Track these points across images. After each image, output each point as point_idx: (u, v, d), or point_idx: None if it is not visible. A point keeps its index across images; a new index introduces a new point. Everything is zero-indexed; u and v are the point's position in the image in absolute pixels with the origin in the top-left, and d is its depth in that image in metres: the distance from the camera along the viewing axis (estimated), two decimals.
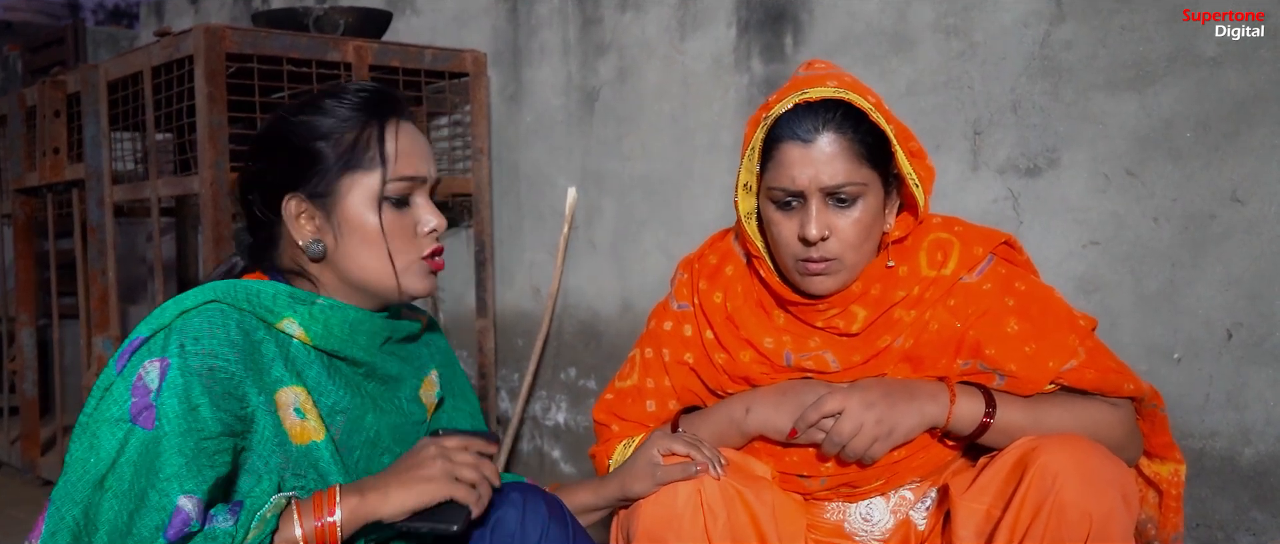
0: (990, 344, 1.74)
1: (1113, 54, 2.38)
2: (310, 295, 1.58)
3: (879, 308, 1.78)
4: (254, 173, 1.63)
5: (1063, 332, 1.75)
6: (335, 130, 1.59)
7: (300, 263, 1.62)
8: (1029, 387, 1.73)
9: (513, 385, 4.09)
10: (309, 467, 1.54)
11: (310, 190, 1.58)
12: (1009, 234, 1.85)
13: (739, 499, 1.68)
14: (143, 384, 1.41)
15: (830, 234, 1.70)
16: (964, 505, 1.67)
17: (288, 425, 1.53)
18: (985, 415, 1.72)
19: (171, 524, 1.37)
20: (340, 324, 1.60)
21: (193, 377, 1.41)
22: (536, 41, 3.92)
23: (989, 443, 1.74)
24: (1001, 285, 1.78)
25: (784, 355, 1.82)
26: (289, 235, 1.61)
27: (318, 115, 1.60)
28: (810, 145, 1.67)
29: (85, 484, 1.40)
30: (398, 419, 1.70)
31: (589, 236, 3.74)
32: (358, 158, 1.59)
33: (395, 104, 1.64)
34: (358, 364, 1.64)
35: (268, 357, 1.52)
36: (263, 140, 1.63)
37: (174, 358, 1.42)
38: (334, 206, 1.59)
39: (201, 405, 1.41)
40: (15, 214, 4.61)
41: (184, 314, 1.47)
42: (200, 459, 1.40)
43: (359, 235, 1.59)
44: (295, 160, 1.58)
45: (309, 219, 1.60)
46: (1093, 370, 1.73)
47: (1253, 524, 2.23)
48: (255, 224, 1.65)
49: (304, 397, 1.54)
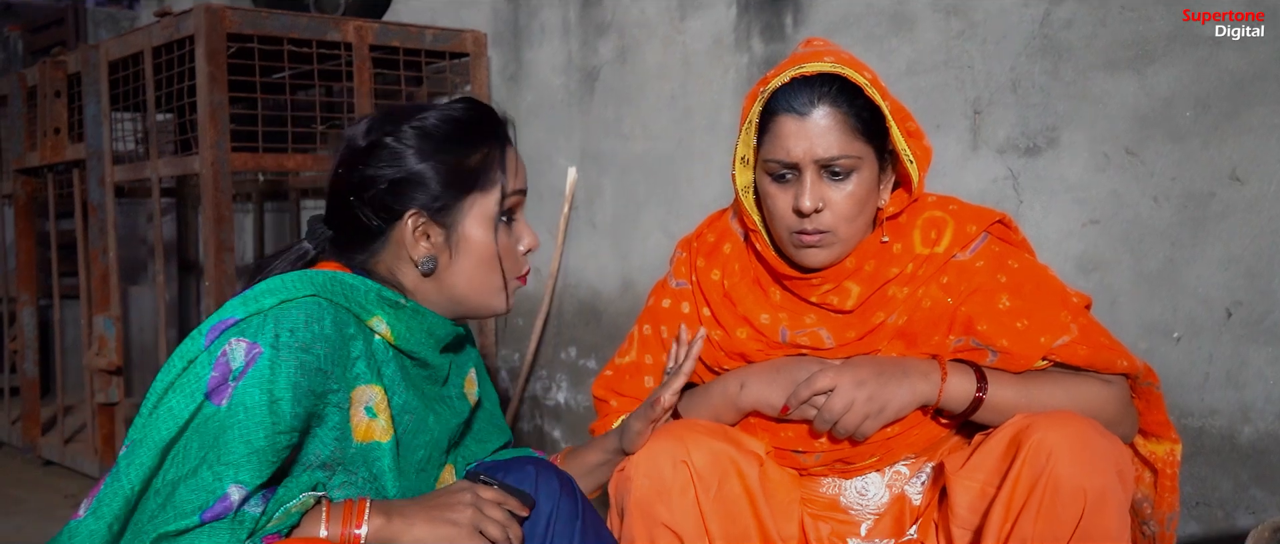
0: (982, 320, 1.74)
1: (1112, 33, 2.38)
2: (397, 296, 1.58)
3: (873, 284, 1.79)
4: (364, 178, 1.59)
5: (1055, 308, 1.75)
6: (458, 151, 1.59)
7: (398, 273, 1.62)
8: (1021, 362, 1.73)
9: (513, 365, 4.10)
10: (362, 465, 1.54)
11: (431, 209, 1.58)
12: (1003, 213, 1.85)
13: (733, 469, 1.70)
14: (225, 361, 1.42)
15: (824, 206, 1.71)
16: (959, 483, 1.68)
17: (355, 422, 1.53)
18: (977, 392, 1.72)
19: (213, 507, 1.37)
20: (420, 327, 1.61)
21: (282, 368, 1.42)
22: (537, 21, 3.91)
23: (982, 420, 1.75)
24: (994, 263, 1.78)
25: (780, 332, 1.82)
26: (396, 247, 1.61)
27: (438, 134, 1.59)
28: (805, 118, 1.69)
29: (151, 450, 1.40)
30: (451, 418, 1.72)
31: (589, 216, 3.75)
32: (480, 179, 1.60)
33: (506, 125, 1.67)
34: (426, 366, 1.65)
35: (354, 354, 1.53)
36: (376, 149, 1.59)
37: (267, 346, 1.42)
38: (454, 226, 1.59)
39: (283, 399, 1.41)
40: (16, 194, 4.61)
41: (284, 303, 1.47)
42: (268, 453, 1.40)
43: (474, 255, 1.61)
44: (415, 177, 1.58)
45: (426, 236, 1.60)
46: (1085, 346, 1.73)
47: (1252, 502, 2.24)
48: (347, 223, 1.63)
49: (380, 396, 1.56)
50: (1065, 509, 1.54)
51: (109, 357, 3.96)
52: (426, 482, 1.69)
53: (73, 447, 4.42)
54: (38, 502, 3.97)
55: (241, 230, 5.44)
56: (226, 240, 3.46)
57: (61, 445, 4.45)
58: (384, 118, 1.63)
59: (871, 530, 1.85)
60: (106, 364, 3.97)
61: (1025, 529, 1.56)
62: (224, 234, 3.44)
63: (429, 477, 1.71)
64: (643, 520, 1.69)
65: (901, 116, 1.74)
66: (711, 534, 1.67)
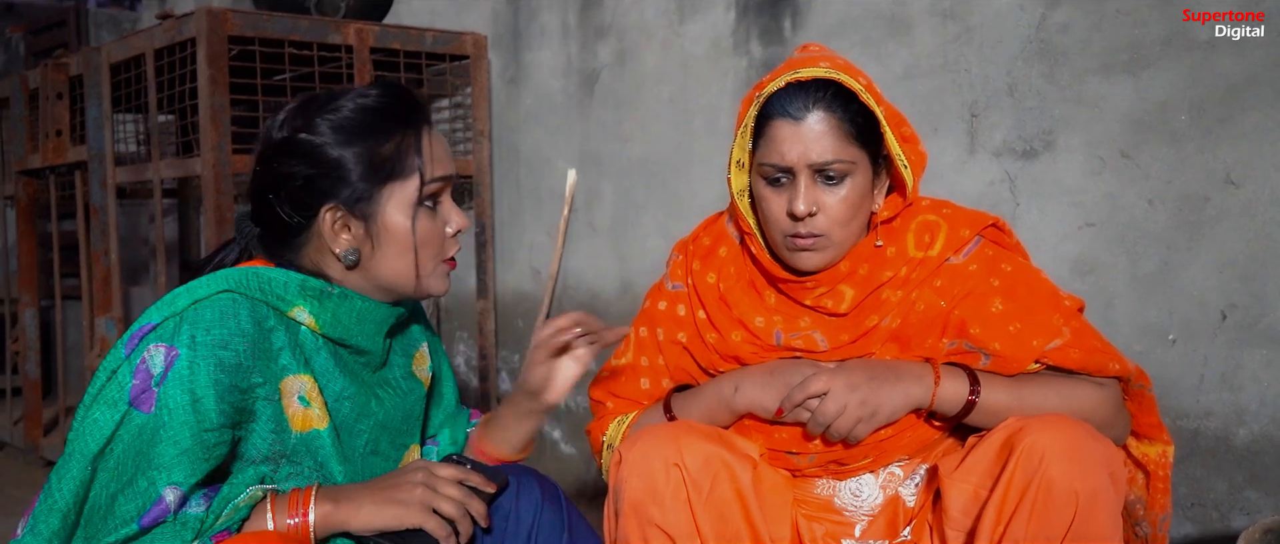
0: (975, 324, 1.75)
1: (1108, 37, 2.39)
2: (321, 285, 1.57)
3: (867, 288, 1.80)
4: (282, 174, 1.58)
5: (1047, 312, 1.76)
6: (372, 140, 1.57)
7: (322, 266, 1.61)
8: (1014, 366, 1.75)
9: (513, 366, 4.11)
10: (307, 454, 1.55)
11: (348, 202, 1.57)
12: (997, 216, 1.86)
13: (725, 471, 1.70)
14: (145, 368, 1.42)
15: (818, 210, 1.72)
16: (952, 485, 1.69)
17: (290, 413, 1.53)
18: (970, 395, 1.73)
19: (150, 512, 1.38)
20: (349, 314, 1.60)
21: (200, 367, 1.42)
22: (536, 24, 3.92)
23: (975, 423, 1.76)
24: (987, 266, 1.80)
25: (774, 335, 1.84)
26: (318, 241, 1.60)
27: (351, 125, 1.57)
28: (800, 123, 1.70)
29: (80, 462, 1.41)
30: (398, 399, 1.71)
31: (589, 218, 3.76)
32: (396, 167, 1.58)
33: (422, 109, 1.64)
34: (361, 352, 1.65)
35: (277, 345, 1.53)
36: (290, 145, 1.57)
37: (183, 348, 1.42)
38: (373, 216, 1.58)
39: (205, 397, 1.41)
40: (18, 196, 4.63)
41: (197, 303, 1.47)
42: (196, 451, 1.41)
43: (397, 244, 1.59)
44: (330, 171, 1.56)
45: (345, 229, 1.59)
46: (1078, 350, 1.74)
47: (1247, 503, 2.25)
48: (271, 220, 1.62)
49: (310, 385, 1.55)
50: (1057, 511, 1.55)
51: None
52: (381, 465, 1.68)
53: None
54: None
55: None
56: None
57: (62, 446, 4.45)
58: (298, 110, 1.60)
59: (866, 532, 1.86)
60: None
61: (1018, 531, 1.57)
62: (225, 235, 3.46)
63: (385, 460, 1.70)
64: (637, 522, 1.69)
65: (896, 121, 1.76)
66: (703, 536, 1.68)
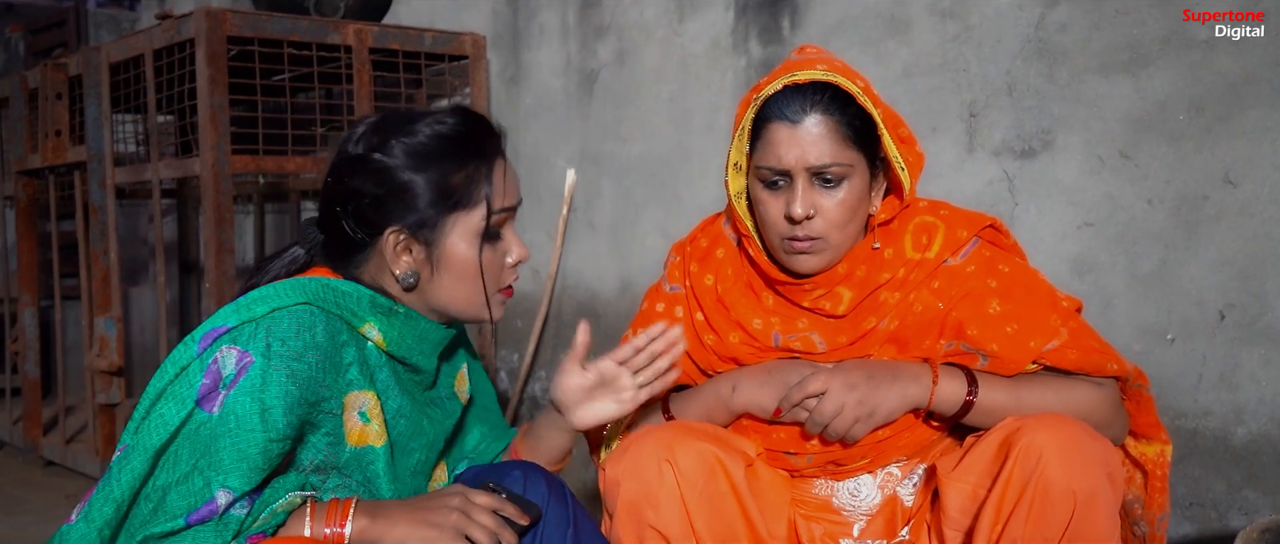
0: (972, 325, 1.75)
1: (1107, 37, 2.39)
2: (390, 303, 1.58)
3: (864, 289, 1.80)
4: (349, 191, 1.58)
5: (1045, 312, 1.76)
6: (444, 168, 1.57)
7: (382, 283, 1.61)
8: (1011, 366, 1.75)
9: (512, 366, 4.11)
10: (357, 469, 1.56)
11: (413, 226, 1.57)
12: (995, 218, 1.87)
13: (719, 469, 1.70)
14: (216, 369, 1.43)
15: (816, 213, 1.72)
16: (950, 484, 1.69)
17: (348, 428, 1.54)
18: (968, 395, 1.74)
19: (199, 511, 1.38)
20: (412, 333, 1.62)
21: (273, 377, 1.42)
22: (536, 24, 3.93)
23: (973, 423, 1.76)
24: (985, 267, 1.80)
25: (772, 336, 1.84)
26: (379, 259, 1.60)
27: (425, 151, 1.57)
28: (798, 126, 1.70)
29: (142, 456, 1.41)
30: (444, 419, 1.73)
31: (588, 218, 3.76)
32: (464, 197, 1.58)
33: (497, 140, 1.65)
34: (418, 371, 1.66)
35: (346, 360, 1.53)
36: (363, 162, 1.58)
37: (258, 355, 1.43)
38: (436, 243, 1.58)
39: (274, 408, 1.42)
40: (17, 196, 4.62)
41: (275, 311, 1.48)
42: (258, 460, 1.41)
43: (456, 271, 1.60)
44: (399, 194, 1.56)
45: (407, 251, 1.59)
46: (1075, 350, 1.74)
47: (1245, 503, 2.25)
48: (335, 231, 1.62)
49: (373, 401, 1.56)
50: (1055, 511, 1.55)
51: (110, 357, 3.98)
52: (421, 484, 1.70)
53: (74, 447, 4.43)
54: (39, 502, 3.98)
55: (242, 232, 5.46)
56: (227, 242, 3.47)
57: (63, 446, 4.46)
58: (376, 127, 1.61)
59: (864, 531, 1.86)
60: (107, 365, 3.98)
61: (1016, 531, 1.57)
62: (224, 235, 3.46)
63: (424, 479, 1.71)
64: (631, 523, 1.70)
65: (893, 123, 1.75)
66: (698, 535, 1.68)
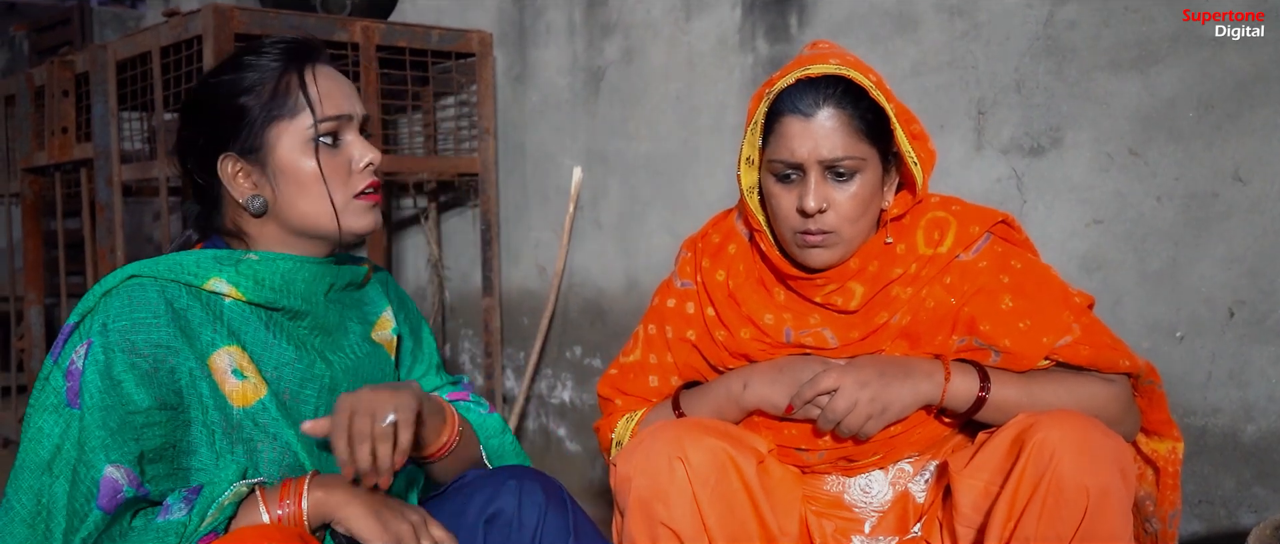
0: (985, 320, 1.75)
1: (1116, 34, 2.39)
2: (235, 253, 1.59)
3: (877, 285, 1.80)
4: (186, 139, 1.64)
5: (1057, 308, 1.77)
6: (256, 83, 1.59)
7: (240, 223, 1.64)
8: (1023, 362, 1.75)
9: (519, 364, 4.11)
10: (256, 429, 1.54)
11: (241, 147, 1.59)
12: (1007, 213, 1.87)
13: (731, 465, 1.70)
14: (73, 367, 1.44)
15: (828, 207, 1.72)
16: (962, 481, 1.69)
17: (227, 390, 1.53)
18: (980, 391, 1.74)
19: (101, 493, 1.39)
20: (272, 275, 1.60)
21: (114, 353, 1.44)
22: (542, 22, 3.93)
23: (985, 419, 1.76)
24: (997, 263, 1.80)
25: (784, 332, 1.84)
26: (228, 195, 1.62)
27: (238, 72, 1.60)
28: (810, 119, 1.70)
29: (33, 472, 1.42)
30: (351, 363, 1.69)
31: (594, 216, 3.76)
32: (282, 106, 1.59)
33: (311, 49, 1.65)
34: (299, 315, 1.63)
35: (196, 322, 1.53)
36: (190, 105, 1.64)
37: (96, 337, 1.45)
38: (267, 158, 1.60)
39: (125, 380, 1.43)
40: (24, 193, 4.63)
41: (106, 295, 1.50)
42: (125, 432, 1.42)
43: (295, 181, 1.60)
44: (222, 120, 1.59)
45: (245, 176, 1.61)
46: (1088, 346, 1.74)
47: (1254, 500, 2.25)
48: (197, 191, 1.67)
49: (241, 356, 1.55)
50: (1068, 508, 1.55)
51: None
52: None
53: None
54: None
55: None
56: None
57: None
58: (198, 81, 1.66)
59: (875, 528, 1.86)
60: None
61: (1028, 528, 1.57)
62: None
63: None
64: (643, 520, 1.69)
65: (906, 119, 1.76)
66: (711, 531, 1.67)
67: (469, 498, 1.65)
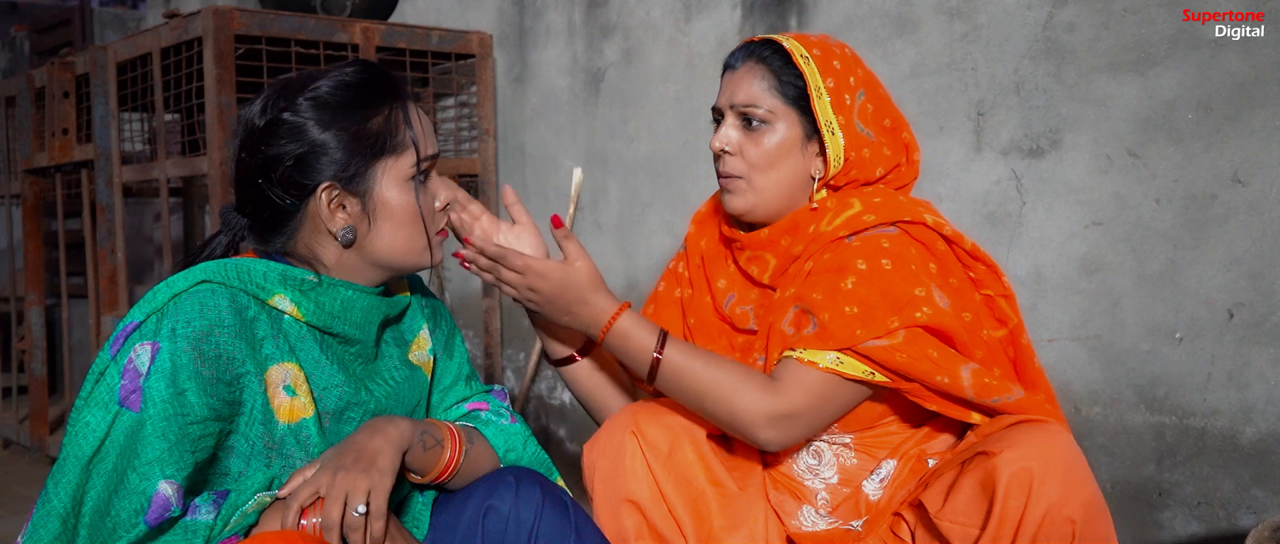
0: (819, 290, 1.75)
1: (1115, 36, 2.39)
2: (301, 272, 1.57)
3: (786, 260, 1.86)
4: (267, 159, 1.56)
5: (888, 314, 1.71)
6: (359, 116, 1.57)
7: (316, 248, 1.61)
8: (831, 342, 1.71)
9: (518, 365, 4.12)
10: (296, 446, 1.55)
11: (344, 180, 1.56)
12: (939, 219, 1.83)
13: (685, 435, 1.77)
14: (133, 367, 1.42)
15: (734, 150, 1.85)
16: (944, 525, 1.67)
17: (276, 404, 1.53)
18: (605, 328, 1.80)
19: (151, 508, 1.38)
20: (333, 302, 1.60)
21: (182, 360, 1.42)
22: (542, 23, 3.93)
23: (663, 388, 1.79)
24: (867, 249, 1.77)
25: (727, 298, 1.94)
26: (313, 222, 1.59)
27: (335, 102, 1.57)
28: (734, 70, 1.86)
29: (75, 467, 1.41)
30: (390, 389, 1.71)
31: (594, 217, 3.76)
32: (389, 143, 1.58)
33: (402, 83, 1.65)
34: (350, 342, 1.64)
35: (259, 334, 1.52)
36: (275, 127, 1.56)
37: (164, 341, 1.42)
38: (368, 192, 1.58)
39: (189, 390, 1.42)
40: (24, 194, 4.63)
41: (176, 297, 1.47)
42: (183, 444, 1.41)
43: (393, 218, 1.60)
44: (321, 149, 1.55)
45: (341, 207, 1.58)
46: (905, 354, 1.70)
47: (1254, 502, 2.25)
48: (260, 207, 1.61)
49: (296, 373, 1.55)
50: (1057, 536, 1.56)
51: None
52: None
53: None
54: None
55: None
56: None
57: None
58: (277, 93, 1.59)
59: (825, 503, 1.88)
60: None
61: None
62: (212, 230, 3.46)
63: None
64: (607, 498, 1.77)
65: (881, 116, 1.84)
66: (668, 499, 1.74)
67: (469, 495, 1.67)
